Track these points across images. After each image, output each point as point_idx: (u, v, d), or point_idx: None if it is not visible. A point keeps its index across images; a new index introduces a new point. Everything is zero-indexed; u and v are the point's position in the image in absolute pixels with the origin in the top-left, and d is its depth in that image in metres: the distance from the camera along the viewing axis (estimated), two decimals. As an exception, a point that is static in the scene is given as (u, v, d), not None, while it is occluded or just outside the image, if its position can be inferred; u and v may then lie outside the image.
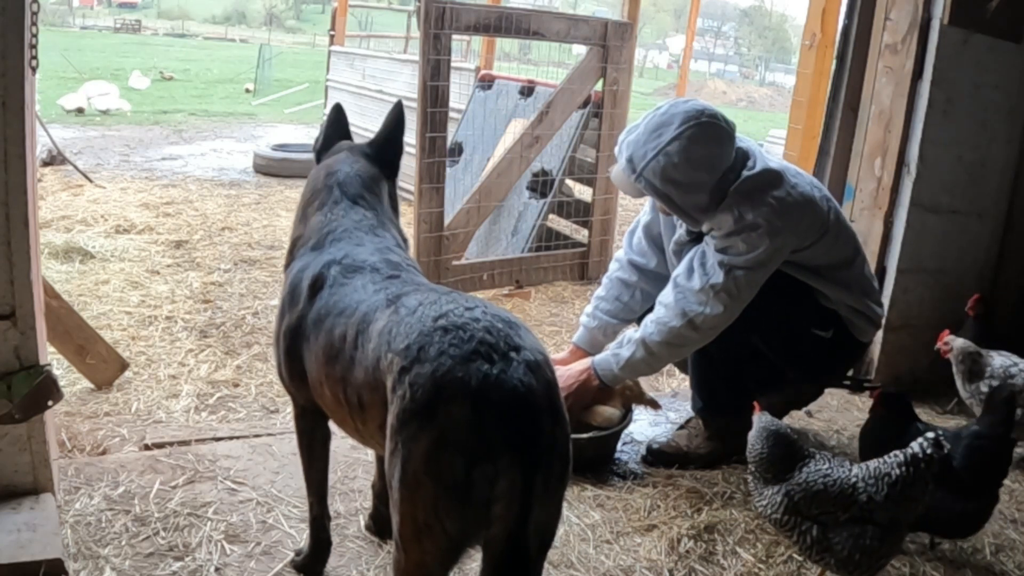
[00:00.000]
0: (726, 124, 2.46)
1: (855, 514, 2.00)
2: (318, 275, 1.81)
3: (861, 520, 2.00)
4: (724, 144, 2.45)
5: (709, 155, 2.42)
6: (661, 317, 2.50)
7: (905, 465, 2.01)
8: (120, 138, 9.37)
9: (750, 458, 2.15)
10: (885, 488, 2.00)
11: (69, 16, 50.95)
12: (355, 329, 1.65)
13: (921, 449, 2.00)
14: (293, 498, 2.38)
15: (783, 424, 2.18)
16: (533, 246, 4.87)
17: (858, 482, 2.03)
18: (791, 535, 2.07)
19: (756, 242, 2.40)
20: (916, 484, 1.99)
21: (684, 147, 2.37)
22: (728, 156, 2.47)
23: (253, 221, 5.82)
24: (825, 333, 2.62)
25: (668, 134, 2.39)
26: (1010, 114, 3.42)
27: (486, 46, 8.49)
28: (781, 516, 2.06)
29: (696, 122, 2.39)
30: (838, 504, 2.01)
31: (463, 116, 5.90)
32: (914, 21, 3.22)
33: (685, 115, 2.41)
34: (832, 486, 2.02)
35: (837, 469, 2.06)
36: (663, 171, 2.39)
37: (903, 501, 2.00)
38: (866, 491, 2.01)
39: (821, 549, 2.02)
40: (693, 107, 2.44)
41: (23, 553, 1.93)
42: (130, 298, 4.04)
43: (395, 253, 1.87)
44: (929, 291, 3.47)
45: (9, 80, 1.91)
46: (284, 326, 1.87)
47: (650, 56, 46.84)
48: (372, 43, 13.15)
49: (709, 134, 2.41)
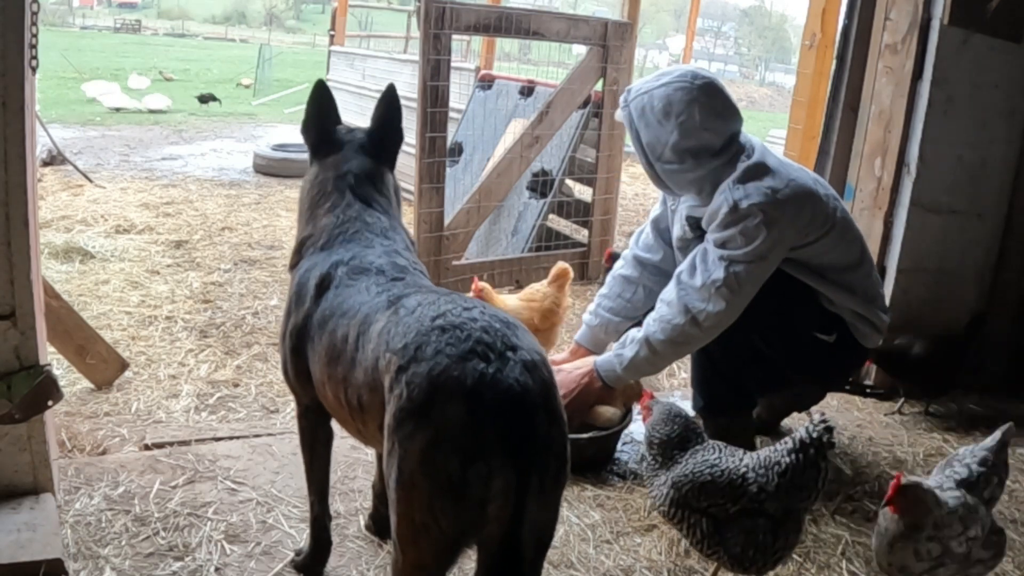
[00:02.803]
0: (719, 99, 2.49)
1: (745, 506, 1.93)
2: (325, 275, 1.81)
3: (752, 512, 1.93)
4: (707, 111, 2.46)
5: (687, 112, 2.45)
6: (664, 315, 2.50)
7: (794, 452, 1.94)
8: (120, 138, 9.37)
9: (652, 440, 2.10)
10: (775, 477, 1.93)
11: (69, 16, 50.95)
12: (356, 330, 1.65)
13: (809, 434, 1.94)
14: (293, 498, 2.38)
15: (682, 408, 2.17)
16: (533, 246, 4.87)
17: (748, 472, 1.96)
18: (681, 528, 2.01)
19: (754, 233, 2.39)
20: (807, 471, 1.93)
21: (667, 94, 2.47)
22: (709, 128, 2.47)
23: (253, 221, 5.82)
24: (828, 337, 2.61)
25: (664, 79, 2.51)
26: (1010, 114, 3.42)
27: (486, 46, 8.50)
28: (669, 509, 2.00)
29: (691, 81, 2.48)
30: (727, 495, 1.94)
31: (463, 116, 5.90)
32: (914, 21, 3.23)
33: (685, 72, 2.53)
34: (720, 477, 1.96)
35: (727, 459, 2.00)
36: (642, 109, 2.51)
37: (794, 490, 1.93)
38: (756, 481, 1.94)
39: (713, 543, 1.95)
40: (698, 71, 2.55)
41: (23, 553, 1.93)
42: (130, 298, 4.04)
43: (403, 256, 1.86)
44: (929, 291, 3.47)
45: (9, 80, 1.91)
46: (290, 325, 1.87)
47: (650, 56, 46.80)
48: (372, 43, 13.16)
49: (697, 94, 2.46)
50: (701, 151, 2.48)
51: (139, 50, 28.23)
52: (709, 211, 2.48)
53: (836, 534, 2.39)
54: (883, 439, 3.08)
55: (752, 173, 2.45)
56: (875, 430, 3.16)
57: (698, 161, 2.49)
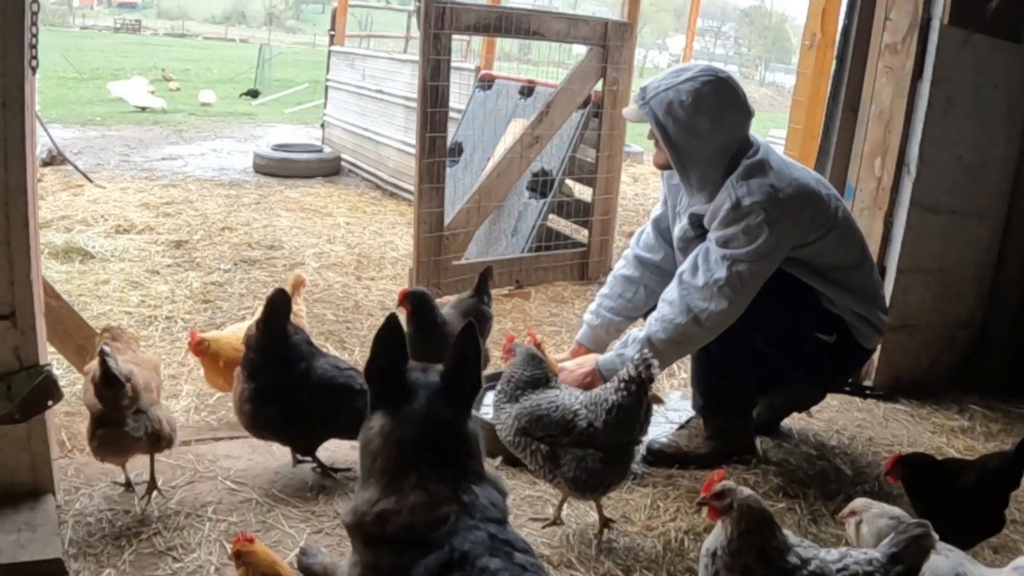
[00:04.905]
0: (741, 94, 2.54)
1: (576, 439, 2.17)
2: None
3: (584, 443, 2.17)
4: (733, 106, 2.51)
5: (716, 107, 2.48)
6: (666, 315, 2.50)
7: (619, 390, 2.16)
8: (120, 138, 9.37)
9: (510, 377, 2.30)
10: (603, 414, 2.16)
11: (69, 16, 51.01)
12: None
13: (630, 372, 2.15)
14: (293, 498, 2.38)
15: (538, 352, 2.39)
16: (533, 246, 4.87)
17: (580, 409, 2.19)
18: (524, 455, 2.24)
19: (756, 232, 2.40)
20: (632, 407, 2.14)
21: (695, 88, 2.48)
22: (734, 122, 2.52)
23: (253, 221, 5.82)
24: (828, 337, 2.62)
25: (685, 75, 2.52)
26: (1010, 114, 3.42)
27: (486, 46, 8.48)
28: (513, 438, 2.24)
29: (715, 76, 2.51)
30: (560, 428, 2.18)
31: (463, 116, 5.90)
32: (914, 21, 3.22)
33: (706, 67, 2.56)
34: (555, 412, 2.20)
35: (565, 398, 2.23)
36: (669, 104, 2.50)
37: (621, 424, 2.15)
38: (587, 418, 2.17)
39: (552, 468, 2.19)
40: (715, 67, 2.59)
41: (23, 553, 1.93)
42: (130, 298, 4.04)
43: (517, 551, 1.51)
44: (929, 291, 3.47)
45: (9, 80, 1.91)
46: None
47: (650, 56, 46.83)
48: (372, 43, 13.15)
49: (722, 89, 2.50)
50: (727, 145, 2.51)
51: (139, 50, 28.24)
52: (712, 208, 2.48)
53: (836, 534, 2.38)
54: (883, 439, 3.07)
55: (755, 170, 2.46)
56: (875, 430, 3.16)
57: (723, 154, 2.51)
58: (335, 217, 6.18)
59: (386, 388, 1.61)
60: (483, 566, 1.43)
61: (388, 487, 1.55)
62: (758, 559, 1.71)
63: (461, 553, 1.45)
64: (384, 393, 1.61)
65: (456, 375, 1.62)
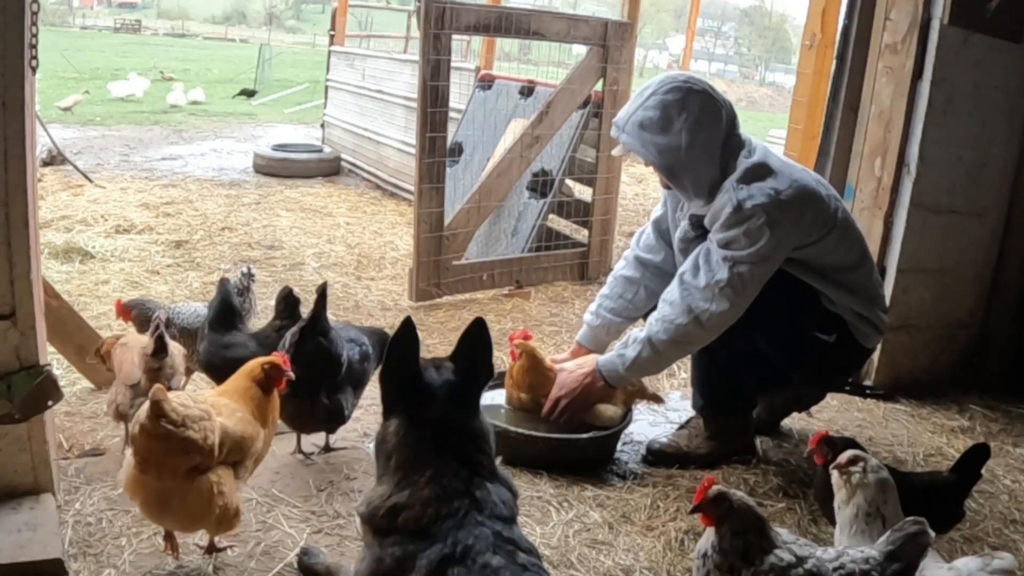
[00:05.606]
0: (708, 91, 2.54)
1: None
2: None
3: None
4: (702, 105, 2.51)
5: (686, 111, 2.48)
6: (667, 315, 2.50)
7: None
8: (120, 138, 9.37)
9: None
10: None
11: (69, 16, 51.01)
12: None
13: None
14: (293, 498, 2.38)
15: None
16: (533, 246, 4.87)
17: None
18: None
19: (757, 234, 2.40)
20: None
21: (659, 101, 2.51)
22: (710, 120, 2.50)
23: (253, 221, 5.82)
24: (828, 337, 2.61)
25: (647, 93, 2.55)
26: (1010, 114, 3.42)
27: (486, 46, 8.49)
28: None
29: (675, 83, 2.53)
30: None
31: (463, 116, 5.90)
32: (914, 21, 3.22)
33: (664, 78, 2.58)
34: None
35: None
36: (640, 125, 2.53)
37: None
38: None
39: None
40: (675, 74, 2.60)
41: (23, 553, 1.92)
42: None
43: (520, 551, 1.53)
44: (929, 291, 3.47)
45: (9, 80, 1.91)
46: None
47: (650, 56, 46.88)
48: (372, 43, 13.15)
49: (687, 92, 2.51)
50: (711, 144, 2.50)
51: (139, 50, 28.23)
52: (713, 210, 2.48)
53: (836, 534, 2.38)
54: (883, 439, 3.08)
55: (756, 173, 2.46)
56: (875, 430, 3.16)
57: (710, 155, 2.50)
58: (335, 217, 6.18)
59: (402, 390, 1.63)
60: (485, 562, 1.44)
61: (402, 482, 1.57)
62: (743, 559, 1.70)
63: (463, 547, 1.46)
64: (400, 395, 1.63)
65: (468, 372, 1.65)
